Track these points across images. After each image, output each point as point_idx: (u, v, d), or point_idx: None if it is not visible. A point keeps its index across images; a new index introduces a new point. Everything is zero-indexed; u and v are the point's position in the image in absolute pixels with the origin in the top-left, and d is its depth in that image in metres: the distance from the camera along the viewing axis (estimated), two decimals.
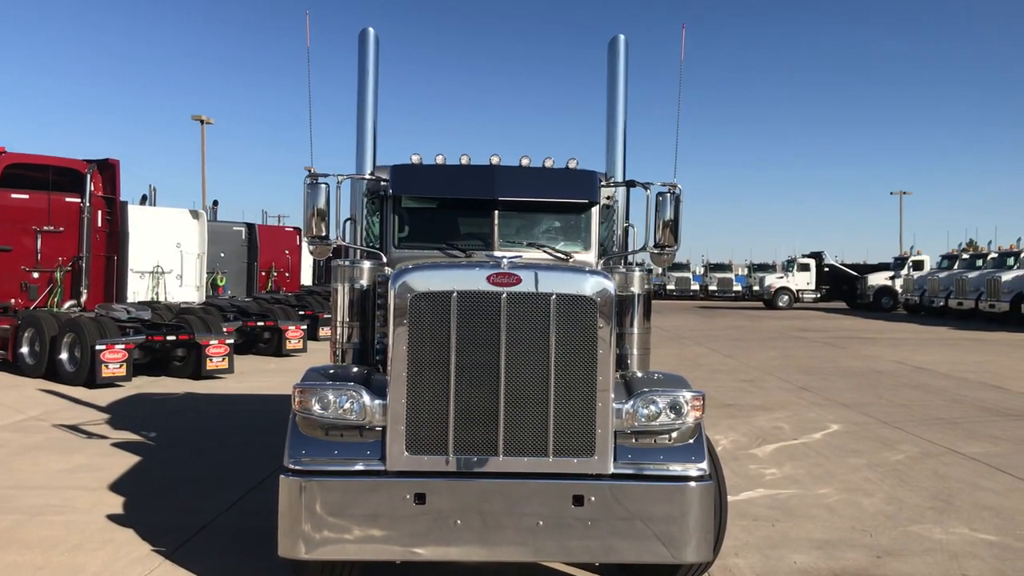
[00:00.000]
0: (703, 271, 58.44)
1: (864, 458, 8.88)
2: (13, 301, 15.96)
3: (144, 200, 22.57)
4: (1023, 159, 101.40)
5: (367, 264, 5.91)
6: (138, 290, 19.20)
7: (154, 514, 6.60)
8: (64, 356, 13.97)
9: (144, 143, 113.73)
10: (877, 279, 43.70)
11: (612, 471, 4.49)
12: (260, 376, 15.38)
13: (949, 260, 39.59)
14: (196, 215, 20.90)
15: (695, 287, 57.66)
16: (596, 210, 6.28)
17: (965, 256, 39.09)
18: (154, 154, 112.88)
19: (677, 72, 6.33)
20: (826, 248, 52.60)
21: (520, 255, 5.64)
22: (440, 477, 4.43)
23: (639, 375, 5.34)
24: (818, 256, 46.39)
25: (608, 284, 4.65)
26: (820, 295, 45.66)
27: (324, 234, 5.78)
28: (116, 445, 9.15)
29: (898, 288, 42.20)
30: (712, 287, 55.72)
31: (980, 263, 36.44)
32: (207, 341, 14.74)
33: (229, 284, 24.26)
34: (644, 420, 4.63)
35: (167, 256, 19.95)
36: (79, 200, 16.40)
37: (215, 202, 31.09)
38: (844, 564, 5.68)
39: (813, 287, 45.70)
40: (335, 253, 6.33)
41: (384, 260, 6.01)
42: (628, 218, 6.70)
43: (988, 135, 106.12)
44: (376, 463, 4.46)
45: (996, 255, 35.54)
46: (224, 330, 15.80)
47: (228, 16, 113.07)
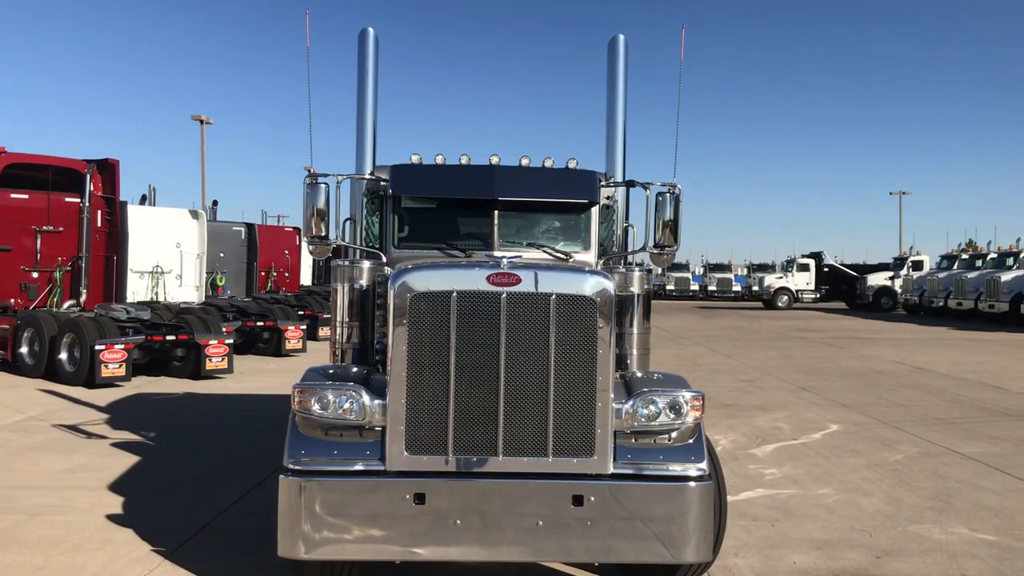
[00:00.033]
0: (702, 271, 58.43)
1: (863, 458, 8.88)
2: (13, 301, 15.95)
3: (144, 200, 22.56)
4: (1023, 159, 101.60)
5: (367, 264, 5.91)
6: (137, 290, 19.18)
7: (154, 514, 6.60)
8: (64, 356, 13.97)
9: (144, 143, 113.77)
10: (877, 279, 43.69)
11: (612, 471, 4.49)
12: (259, 376, 15.38)
13: (948, 260, 39.61)
14: (196, 215, 20.88)
15: (694, 287, 57.64)
16: (596, 210, 6.28)
17: (964, 256, 39.12)
18: (154, 154, 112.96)
19: (677, 72, 6.35)
20: (826, 248, 52.77)
21: (520, 255, 5.64)
22: (440, 477, 4.43)
23: (639, 375, 5.34)
24: (817, 256, 46.37)
25: (608, 284, 4.65)
26: (819, 295, 45.64)
27: (324, 234, 5.78)
28: (116, 445, 9.15)
29: (897, 288, 42.19)
30: (711, 287, 55.70)
31: (979, 263, 36.48)
32: (206, 341, 14.74)
33: (229, 284, 24.26)
34: (644, 420, 4.63)
35: (167, 256, 19.93)
36: (79, 200, 16.40)
37: (215, 202, 31.07)
38: (844, 564, 5.68)
39: (812, 287, 45.68)
40: (335, 253, 6.33)
41: (384, 260, 6.01)
42: (628, 218, 6.71)
43: (988, 135, 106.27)
44: (376, 463, 4.46)
45: (995, 255, 35.56)
46: (223, 330, 15.80)
47: (228, 16, 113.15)
